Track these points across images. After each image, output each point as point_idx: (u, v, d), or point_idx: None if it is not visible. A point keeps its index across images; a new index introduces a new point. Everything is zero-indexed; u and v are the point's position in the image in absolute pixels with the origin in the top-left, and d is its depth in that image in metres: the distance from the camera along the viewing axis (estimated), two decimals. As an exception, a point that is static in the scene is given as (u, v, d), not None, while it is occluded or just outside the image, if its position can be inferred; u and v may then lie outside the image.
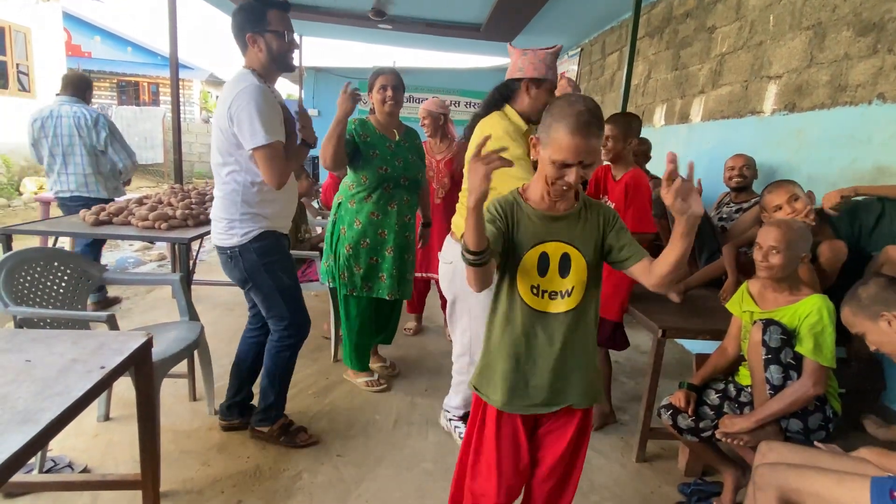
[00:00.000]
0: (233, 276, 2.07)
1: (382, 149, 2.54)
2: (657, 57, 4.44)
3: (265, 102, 1.82)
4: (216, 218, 2.01)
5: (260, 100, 1.81)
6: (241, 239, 1.96)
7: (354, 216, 2.56)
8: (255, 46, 1.91)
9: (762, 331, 1.70)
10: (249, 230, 1.96)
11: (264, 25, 1.89)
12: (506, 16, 5.41)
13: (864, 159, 2.33)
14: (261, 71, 1.94)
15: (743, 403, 1.85)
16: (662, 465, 2.29)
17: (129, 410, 2.31)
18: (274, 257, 2.02)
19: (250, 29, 1.89)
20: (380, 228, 2.57)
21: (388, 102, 2.53)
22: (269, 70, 1.96)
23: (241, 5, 1.93)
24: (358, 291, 2.62)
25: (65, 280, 2.16)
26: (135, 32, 16.65)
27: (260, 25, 1.89)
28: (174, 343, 2.10)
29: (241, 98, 1.81)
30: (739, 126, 3.26)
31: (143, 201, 3.23)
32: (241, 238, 1.96)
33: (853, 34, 2.45)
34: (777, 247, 1.69)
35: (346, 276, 2.60)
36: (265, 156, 1.83)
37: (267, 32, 1.90)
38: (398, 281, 2.64)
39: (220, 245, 2.02)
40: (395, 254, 2.59)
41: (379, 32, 6.67)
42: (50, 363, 1.26)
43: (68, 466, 1.99)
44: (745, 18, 3.25)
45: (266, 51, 1.91)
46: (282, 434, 2.20)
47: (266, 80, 1.95)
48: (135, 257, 5.38)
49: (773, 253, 1.70)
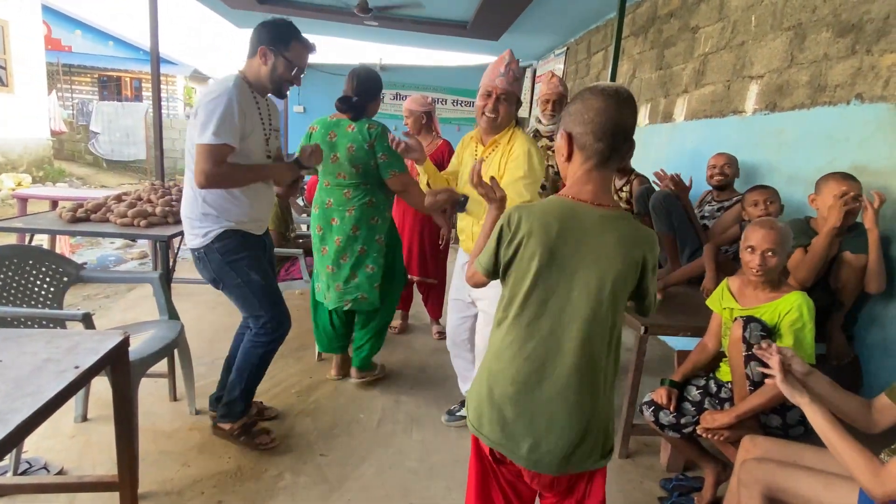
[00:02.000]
0: (204, 276, 2.06)
1: None
2: (642, 56, 4.48)
3: (235, 106, 1.81)
4: (182, 216, 2.01)
5: (230, 102, 1.80)
6: (204, 240, 1.95)
7: None
8: (263, 59, 1.93)
9: (742, 327, 1.72)
10: (210, 230, 1.94)
11: (283, 49, 1.93)
12: (492, 14, 5.41)
13: (843, 159, 2.37)
14: (253, 81, 1.96)
15: (723, 399, 1.88)
16: (644, 460, 2.31)
17: (107, 411, 2.26)
18: (239, 255, 1.98)
19: (268, 43, 1.91)
20: None
21: None
22: (261, 84, 1.97)
23: (275, 20, 1.97)
24: None
25: (39, 278, 2.11)
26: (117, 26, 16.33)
27: (279, 46, 1.92)
28: (153, 342, 2.07)
29: (212, 94, 1.81)
30: (722, 125, 3.29)
31: (122, 198, 3.17)
32: (203, 239, 1.95)
33: (832, 35, 2.49)
34: (774, 248, 1.72)
35: None
36: (202, 152, 1.80)
37: (281, 56, 1.93)
38: None
39: (189, 246, 2.02)
40: None
41: (365, 29, 6.63)
42: (22, 363, 1.23)
43: (44, 468, 1.95)
44: (728, 19, 3.29)
45: (270, 69, 1.94)
46: (242, 433, 2.15)
47: (255, 88, 1.97)
48: (116, 255, 5.29)
49: (769, 255, 1.73)
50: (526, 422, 1.15)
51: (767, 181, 2.75)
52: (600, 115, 1.10)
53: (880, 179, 2.17)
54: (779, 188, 2.43)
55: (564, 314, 1.12)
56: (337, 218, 2.48)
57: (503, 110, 2.05)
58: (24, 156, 9.69)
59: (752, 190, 2.41)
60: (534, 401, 1.14)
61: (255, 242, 2.07)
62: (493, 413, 1.18)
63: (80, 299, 3.93)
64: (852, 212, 1.98)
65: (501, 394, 1.16)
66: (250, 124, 1.91)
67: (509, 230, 1.15)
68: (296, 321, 3.73)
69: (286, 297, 4.49)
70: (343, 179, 2.43)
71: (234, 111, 1.81)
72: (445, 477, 2.10)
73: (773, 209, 2.32)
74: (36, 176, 9.64)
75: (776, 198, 2.35)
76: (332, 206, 2.48)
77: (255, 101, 1.96)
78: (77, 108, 13.65)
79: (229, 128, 1.81)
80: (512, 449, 1.17)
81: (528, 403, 1.15)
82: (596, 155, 1.13)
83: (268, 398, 2.57)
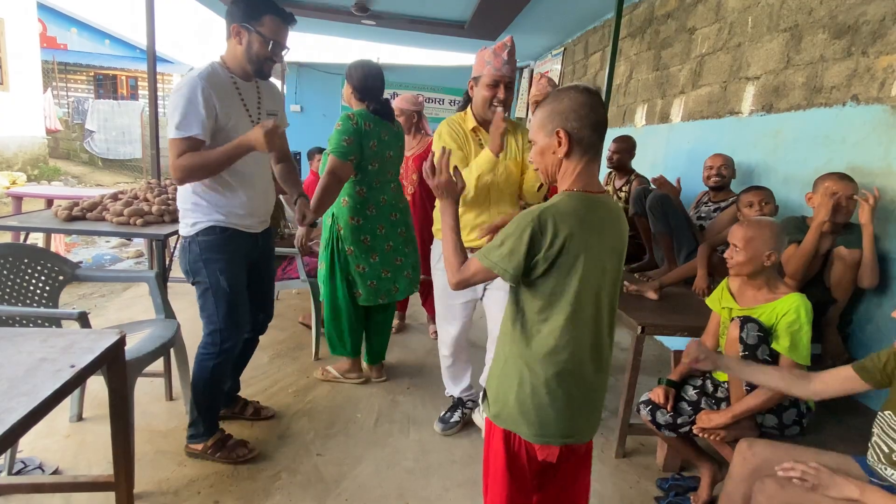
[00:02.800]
0: (181, 266, 2.01)
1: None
2: (639, 57, 4.48)
3: (199, 96, 1.73)
4: (178, 206, 1.97)
5: (192, 92, 1.73)
6: (191, 230, 1.90)
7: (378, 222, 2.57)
8: (237, 39, 1.83)
9: (740, 328, 1.72)
10: (197, 221, 1.89)
11: (256, 24, 1.81)
12: (490, 14, 5.41)
13: (839, 159, 2.38)
14: (232, 65, 1.88)
15: (720, 399, 1.88)
16: (641, 460, 2.31)
17: (102, 410, 2.26)
18: (217, 256, 1.91)
19: (240, 20, 1.81)
20: (399, 228, 2.63)
21: None
22: (241, 66, 1.88)
23: None
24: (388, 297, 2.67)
25: (34, 277, 2.10)
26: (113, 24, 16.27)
27: (251, 22, 1.80)
28: (149, 341, 2.06)
29: (177, 87, 1.76)
30: (718, 126, 3.30)
31: (118, 196, 3.15)
32: (190, 228, 1.90)
33: (828, 37, 2.50)
34: (737, 244, 1.76)
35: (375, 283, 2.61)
36: (170, 148, 1.76)
37: (255, 31, 1.81)
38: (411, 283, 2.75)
39: (180, 233, 1.99)
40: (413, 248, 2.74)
41: (362, 28, 6.62)
42: (17, 362, 1.22)
43: (39, 468, 1.94)
44: (725, 20, 3.30)
45: (245, 48, 1.84)
46: (217, 450, 2.05)
47: (235, 73, 1.89)
48: (112, 254, 5.27)
49: (735, 250, 1.77)
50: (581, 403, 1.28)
51: (764, 182, 2.76)
52: (593, 110, 1.19)
53: (876, 180, 2.18)
54: (775, 189, 2.44)
55: (600, 299, 1.25)
56: (396, 213, 2.61)
57: (510, 99, 2.07)
58: (19, 154, 9.64)
59: (746, 191, 2.43)
60: (587, 382, 1.28)
61: (242, 243, 1.98)
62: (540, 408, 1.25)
63: (75, 298, 3.92)
64: (844, 209, 2.03)
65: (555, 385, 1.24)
66: (229, 112, 1.83)
67: (543, 235, 1.17)
68: (290, 321, 3.72)
69: (283, 296, 4.49)
70: (391, 177, 2.61)
71: (199, 101, 1.73)
72: (442, 476, 2.10)
73: (767, 210, 2.33)
74: (31, 174, 9.59)
75: (770, 198, 2.37)
76: (387, 203, 2.58)
77: (234, 86, 1.87)
78: (73, 106, 13.57)
79: (193, 120, 1.74)
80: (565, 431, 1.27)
81: (583, 385, 1.27)
82: (592, 147, 1.22)
83: (264, 397, 2.56)
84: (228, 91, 1.84)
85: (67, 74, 14.86)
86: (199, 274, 1.93)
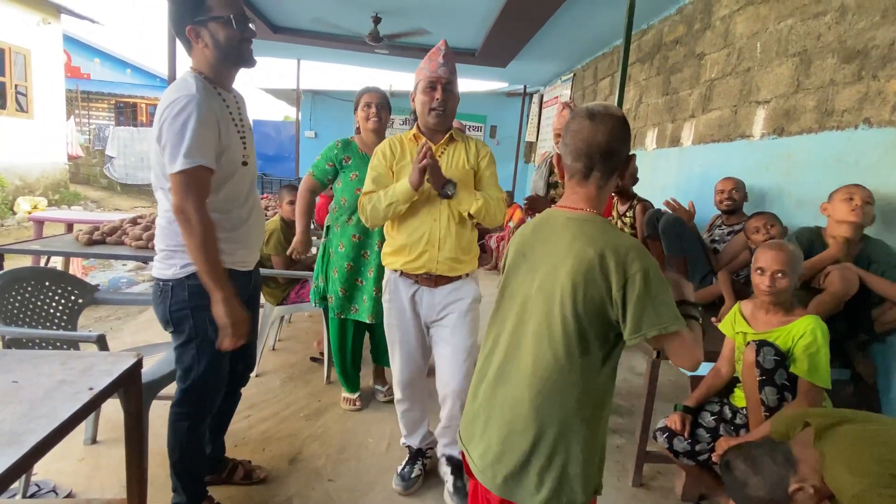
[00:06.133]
0: (157, 312, 1.70)
1: (363, 171, 2.44)
2: (648, 82, 4.53)
3: (196, 117, 1.46)
4: (157, 248, 1.66)
5: (190, 114, 1.45)
6: (179, 272, 1.61)
7: (339, 240, 2.56)
8: (199, 41, 1.54)
9: (756, 352, 1.70)
10: (188, 263, 1.58)
11: (204, 12, 1.51)
12: (500, 42, 5.53)
13: (851, 182, 2.36)
14: (209, 72, 1.58)
15: (739, 426, 1.84)
16: (659, 489, 2.26)
17: (116, 433, 2.27)
18: (207, 303, 1.58)
19: (189, 20, 1.51)
20: (362, 250, 2.55)
21: (372, 120, 2.53)
22: (218, 69, 1.58)
23: None
24: (345, 314, 2.60)
25: (55, 300, 2.14)
26: (134, 54, 16.87)
27: (199, 13, 1.51)
28: (164, 364, 2.08)
29: (171, 110, 1.46)
30: (729, 150, 3.31)
31: (137, 221, 3.22)
32: (178, 270, 1.61)
33: (838, 61, 2.52)
34: (783, 270, 1.73)
35: (334, 299, 2.59)
36: (177, 182, 1.47)
37: (210, 21, 1.51)
38: (377, 302, 2.48)
39: (154, 276, 1.67)
40: (376, 274, 2.51)
41: (376, 57, 6.78)
42: (37, 384, 1.24)
43: (53, 491, 1.95)
44: (733, 46, 3.33)
45: (212, 44, 1.53)
46: None
47: (216, 82, 1.60)
48: (128, 277, 5.35)
49: (779, 276, 1.73)
50: (483, 422, 1.20)
51: (776, 205, 2.75)
52: (574, 137, 1.19)
53: (889, 203, 2.16)
54: (788, 212, 2.43)
55: (526, 311, 1.18)
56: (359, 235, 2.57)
57: (451, 102, 1.93)
58: (42, 179, 9.91)
59: (750, 218, 2.47)
60: (494, 399, 1.19)
61: (235, 283, 1.64)
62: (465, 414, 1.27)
63: (92, 321, 3.97)
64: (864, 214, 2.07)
65: (472, 391, 1.26)
66: (226, 132, 1.58)
67: None
68: (303, 343, 3.72)
69: (296, 319, 4.48)
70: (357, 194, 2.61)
71: (201, 121, 1.47)
72: None
73: (774, 232, 2.34)
74: (52, 199, 9.83)
75: (776, 221, 2.37)
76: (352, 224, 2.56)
77: (221, 99, 1.60)
78: (94, 133, 13.99)
79: (204, 144, 1.48)
80: (469, 449, 1.23)
81: (488, 402, 1.20)
82: (576, 173, 1.21)
83: (276, 422, 2.56)
84: (220, 105, 1.58)
85: (90, 102, 15.36)
86: (183, 323, 1.66)
